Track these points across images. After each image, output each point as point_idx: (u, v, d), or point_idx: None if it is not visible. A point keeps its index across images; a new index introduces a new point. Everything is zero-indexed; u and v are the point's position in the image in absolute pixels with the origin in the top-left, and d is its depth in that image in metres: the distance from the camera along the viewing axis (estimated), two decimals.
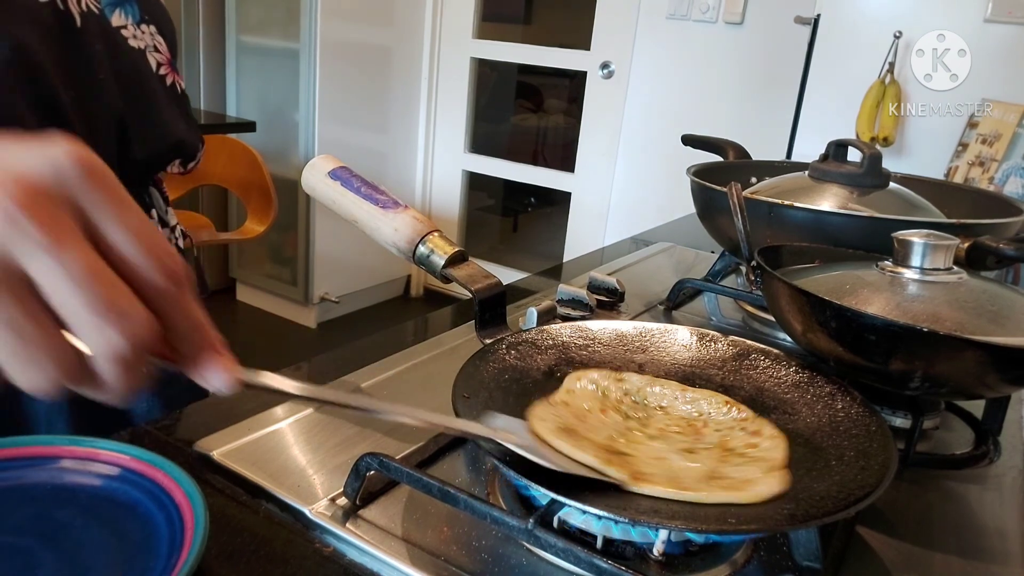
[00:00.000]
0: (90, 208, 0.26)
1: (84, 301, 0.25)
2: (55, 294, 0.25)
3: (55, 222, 0.25)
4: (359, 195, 0.61)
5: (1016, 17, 1.84)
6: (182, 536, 0.37)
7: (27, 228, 0.24)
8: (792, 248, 0.68)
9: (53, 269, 0.25)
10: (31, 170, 0.25)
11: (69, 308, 0.25)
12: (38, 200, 0.25)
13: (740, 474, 0.43)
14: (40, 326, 0.26)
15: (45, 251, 0.25)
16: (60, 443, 0.44)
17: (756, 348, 0.57)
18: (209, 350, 0.31)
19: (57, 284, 0.25)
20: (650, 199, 2.84)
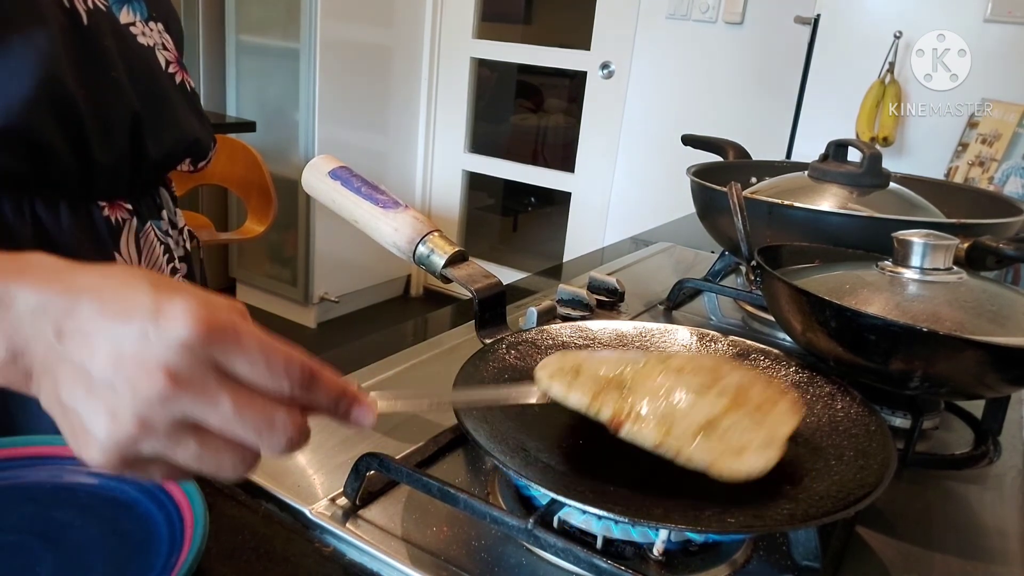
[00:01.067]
0: (222, 361, 0.32)
1: (243, 429, 0.32)
2: (224, 432, 0.32)
3: (201, 387, 0.31)
4: (359, 195, 0.61)
5: (1016, 17, 1.84)
6: (182, 536, 0.37)
7: (184, 402, 0.31)
8: (792, 248, 0.68)
9: (214, 419, 0.31)
10: (171, 357, 0.31)
11: (238, 436, 0.32)
12: (182, 379, 0.31)
13: (737, 437, 0.41)
14: (218, 448, 0.32)
15: (202, 410, 0.31)
16: (60, 443, 0.43)
17: (756, 348, 0.57)
18: (351, 404, 0.36)
19: (222, 426, 0.32)
20: (650, 199, 2.84)
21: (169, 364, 0.31)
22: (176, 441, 0.31)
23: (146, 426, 0.31)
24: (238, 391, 0.32)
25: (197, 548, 0.36)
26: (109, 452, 0.31)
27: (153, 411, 0.31)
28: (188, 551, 0.36)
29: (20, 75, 0.51)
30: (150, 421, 0.31)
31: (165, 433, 0.31)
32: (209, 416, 0.31)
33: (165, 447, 0.31)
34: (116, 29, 0.59)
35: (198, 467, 0.32)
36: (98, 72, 0.57)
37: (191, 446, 0.32)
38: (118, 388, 0.31)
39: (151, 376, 0.30)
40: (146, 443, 0.31)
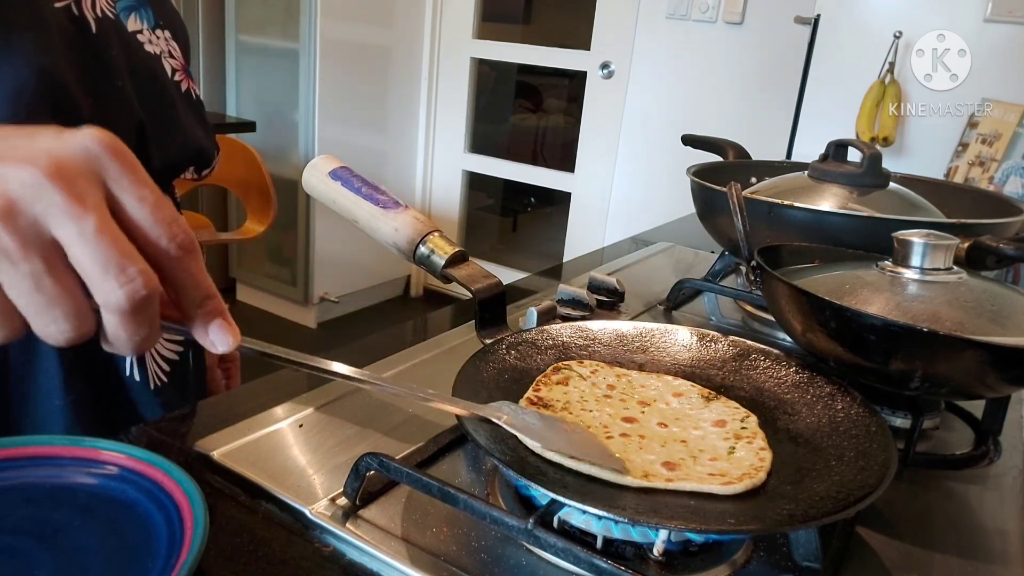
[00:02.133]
0: (111, 183, 0.31)
1: (93, 256, 0.30)
2: (71, 251, 0.30)
3: (77, 191, 0.30)
4: (359, 195, 0.61)
5: (1016, 17, 1.84)
6: (181, 536, 0.37)
7: (53, 195, 0.29)
8: (792, 248, 0.68)
9: (71, 230, 0.30)
10: (62, 149, 0.30)
11: (81, 263, 0.30)
12: (64, 173, 0.30)
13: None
14: (59, 282, 0.30)
15: (66, 214, 0.29)
16: (59, 443, 0.44)
17: (756, 348, 0.57)
18: (213, 313, 0.36)
19: (73, 243, 0.30)
20: (650, 199, 2.84)
21: (55, 154, 0.30)
22: (24, 251, 0.29)
23: (8, 211, 0.29)
24: (109, 218, 0.31)
25: (197, 549, 0.35)
26: None
27: (24, 194, 0.29)
28: (188, 552, 0.36)
29: (22, 82, 0.51)
30: (13, 206, 0.29)
31: (20, 232, 0.29)
32: (70, 225, 0.30)
33: (9, 251, 0.29)
34: (123, 37, 0.59)
35: (30, 298, 0.30)
36: (104, 81, 0.56)
37: (36, 265, 0.30)
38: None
39: (34, 160, 0.29)
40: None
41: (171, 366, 0.65)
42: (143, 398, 0.62)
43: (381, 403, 0.57)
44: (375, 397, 0.58)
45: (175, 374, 0.65)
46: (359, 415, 0.54)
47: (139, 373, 0.61)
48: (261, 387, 0.59)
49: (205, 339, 0.36)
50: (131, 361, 0.60)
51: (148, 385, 0.62)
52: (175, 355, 0.66)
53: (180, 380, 0.66)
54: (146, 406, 0.62)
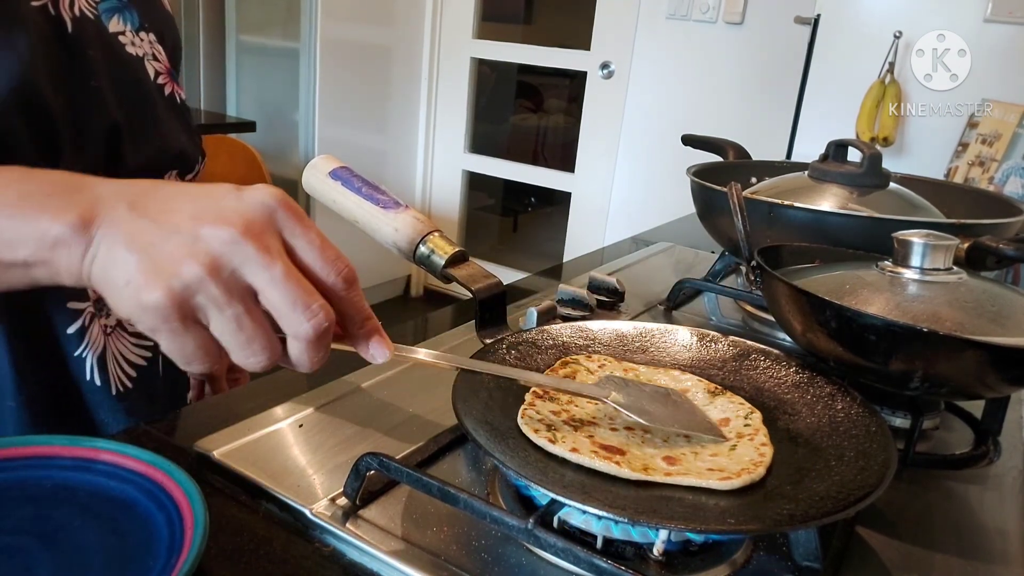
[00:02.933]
0: (286, 232, 0.38)
1: (283, 297, 0.36)
2: (265, 295, 0.36)
3: (264, 244, 0.36)
4: (360, 195, 0.61)
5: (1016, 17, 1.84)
6: (182, 536, 0.37)
7: (247, 251, 0.35)
8: (792, 248, 0.68)
9: (264, 277, 0.36)
10: (247, 209, 0.37)
11: (274, 303, 0.36)
12: (253, 230, 0.36)
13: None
14: (256, 321, 0.37)
15: (259, 265, 0.36)
16: (60, 443, 0.44)
17: (756, 348, 0.57)
18: (372, 331, 0.43)
19: (266, 287, 0.36)
20: (650, 199, 2.84)
21: (245, 214, 0.36)
22: (228, 298, 0.35)
23: (215, 267, 0.35)
24: (291, 265, 0.37)
25: (197, 549, 0.35)
26: (173, 290, 0.34)
27: (225, 251, 0.35)
28: (188, 552, 0.36)
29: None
30: (219, 262, 0.35)
31: (225, 284, 0.35)
32: (262, 273, 0.36)
33: (218, 300, 0.35)
34: (103, 38, 0.58)
35: (234, 337, 0.36)
36: (78, 81, 0.56)
37: (237, 309, 0.36)
38: (197, 233, 0.35)
39: (229, 221, 0.35)
40: (206, 289, 0.35)
41: (138, 372, 0.63)
42: (104, 403, 0.60)
43: (381, 403, 0.57)
44: (375, 397, 0.58)
45: (142, 380, 0.64)
46: (359, 415, 0.54)
47: (100, 378, 0.60)
48: (261, 387, 0.59)
49: (367, 353, 0.43)
50: (91, 364, 0.59)
51: (109, 390, 0.60)
52: (143, 360, 0.64)
53: (147, 387, 0.64)
54: (107, 411, 0.61)
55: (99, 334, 0.59)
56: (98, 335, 0.59)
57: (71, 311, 0.57)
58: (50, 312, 0.57)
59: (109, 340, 0.61)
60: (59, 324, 0.57)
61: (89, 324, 0.58)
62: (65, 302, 0.57)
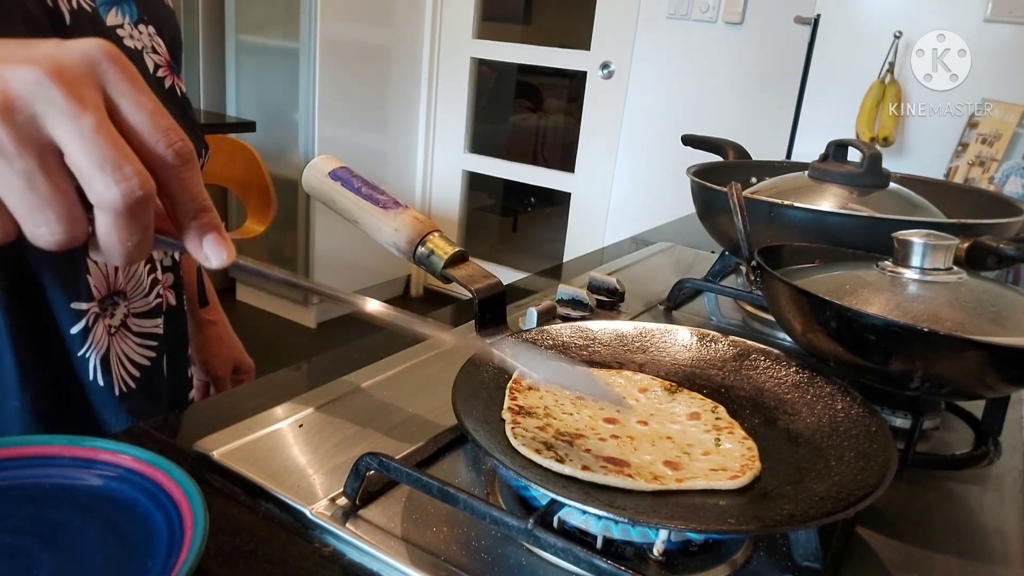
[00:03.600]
0: (111, 88, 0.31)
1: (90, 154, 0.30)
2: (68, 150, 0.30)
3: (76, 92, 0.30)
4: (359, 195, 0.61)
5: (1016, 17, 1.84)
6: (181, 536, 0.37)
7: (52, 94, 0.29)
8: (792, 248, 0.68)
9: (69, 128, 0.30)
10: (62, 53, 0.31)
11: (78, 162, 0.30)
12: (64, 74, 0.30)
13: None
14: (53, 181, 0.30)
15: (64, 113, 0.30)
16: (59, 443, 0.44)
17: (756, 348, 0.57)
18: (209, 227, 0.35)
19: (70, 141, 0.30)
20: (650, 199, 2.84)
21: (56, 57, 0.30)
22: (19, 147, 0.30)
23: (6, 108, 0.29)
24: (107, 119, 0.31)
25: (197, 549, 0.35)
26: None
27: (23, 91, 0.29)
28: (188, 552, 0.36)
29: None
30: (13, 104, 0.29)
31: (17, 128, 0.29)
32: (68, 123, 0.30)
33: (4, 148, 0.29)
34: (100, 31, 0.58)
35: (22, 198, 0.30)
36: None
37: (30, 163, 0.30)
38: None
39: (34, 62, 0.30)
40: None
41: (141, 372, 0.63)
42: (107, 404, 0.60)
43: (381, 403, 0.57)
44: (375, 397, 0.58)
45: (145, 381, 0.64)
46: (359, 415, 0.54)
47: (103, 378, 0.59)
48: (261, 387, 0.59)
49: (199, 252, 0.36)
50: (95, 365, 0.59)
51: (112, 390, 0.60)
52: (146, 360, 0.64)
53: (151, 387, 0.64)
54: (110, 412, 0.60)
55: (103, 334, 0.59)
56: (102, 335, 0.59)
57: (74, 311, 0.57)
58: (54, 312, 0.57)
59: (113, 340, 0.61)
60: (63, 324, 0.57)
61: (93, 325, 0.58)
62: (69, 302, 0.57)
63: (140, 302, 0.63)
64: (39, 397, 0.57)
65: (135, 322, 0.63)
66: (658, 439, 0.48)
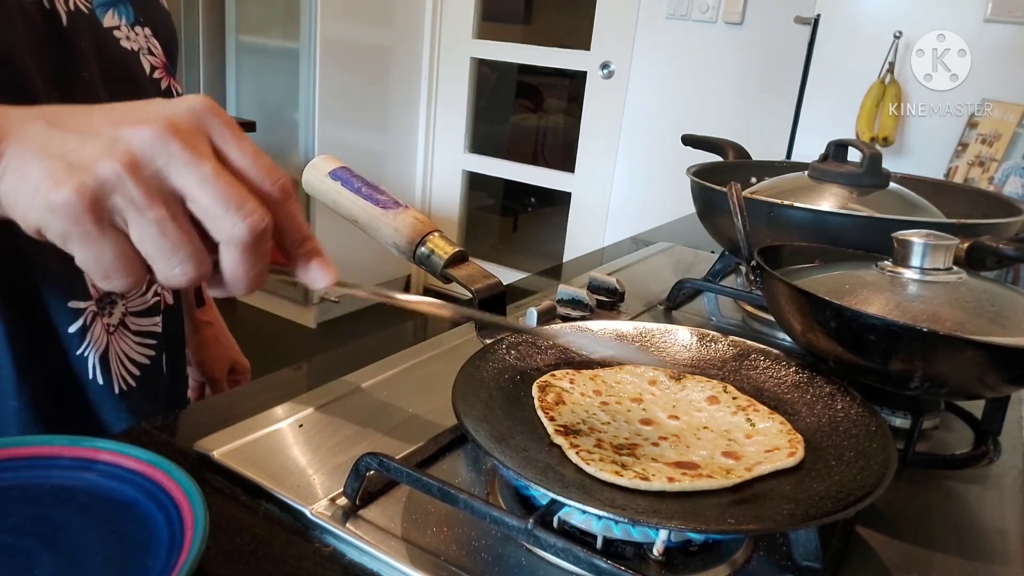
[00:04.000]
0: (216, 137, 0.35)
1: (214, 197, 0.33)
2: (193, 196, 0.33)
3: (192, 143, 0.33)
4: (359, 195, 0.61)
5: (1016, 17, 1.84)
6: (181, 536, 0.37)
7: (172, 148, 0.33)
8: (792, 248, 0.68)
9: (192, 176, 0.33)
10: (172, 111, 0.34)
11: (203, 204, 0.33)
12: (178, 129, 0.33)
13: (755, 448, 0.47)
14: (181, 227, 0.34)
15: (185, 164, 0.33)
16: (60, 443, 0.44)
17: (756, 348, 0.57)
18: (312, 253, 0.39)
19: (194, 187, 0.33)
20: (650, 199, 2.84)
21: (167, 115, 0.34)
22: (150, 199, 0.32)
23: (134, 164, 0.32)
24: (221, 164, 0.34)
25: (197, 549, 0.35)
26: (86, 186, 0.32)
27: (146, 149, 0.32)
28: (188, 552, 0.36)
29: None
30: (140, 160, 0.32)
31: (146, 183, 0.32)
32: (191, 172, 0.33)
33: (137, 201, 0.32)
34: (96, 32, 0.58)
35: (156, 243, 0.33)
36: (70, 74, 0.55)
37: (160, 212, 0.33)
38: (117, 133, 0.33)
39: (151, 121, 0.33)
40: (124, 188, 0.32)
41: (141, 370, 0.63)
42: (106, 402, 0.60)
43: (381, 403, 0.57)
44: (375, 397, 0.58)
45: (145, 379, 0.64)
46: (359, 415, 0.55)
47: (102, 377, 0.59)
48: (261, 387, 0.59)
49: (306, 276, 0.40)
50: (93, 363, 0.59)
51: (112, 389, 0.60)
52: (146, 359, 0.64)
53: (150, 386, 0.64)
54: (110, 411, 0.60)
55: (101, 333, 0.59)
56: (100, 334, 0.59)
57: (72, 310, 0.57)
58: (51, 311, 0.57)
59: (112, 339, 0.61)
60: (60, 324, 0.57)
61: (91, 323, 0.58)
62: (66, 301, 0.57)
63: (138, 301, 0.63)
64: (37, 396, 0.57)
65: (133, 321, 0.63)
66: (698, 431, 0.49)
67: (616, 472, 0.42)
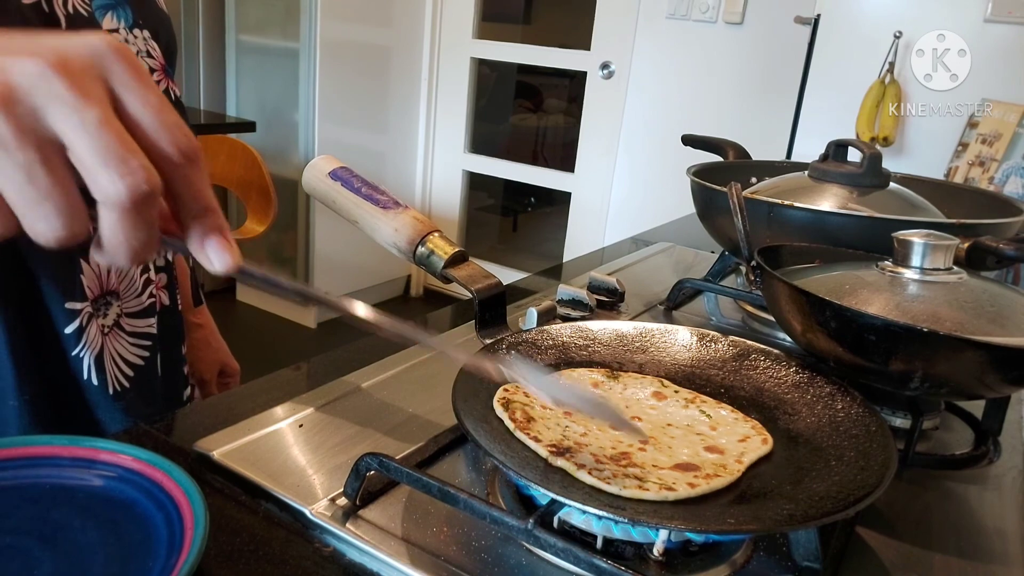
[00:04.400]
0: (116, 83, 0.31)
1: (94, 148, 0.29)
2: (72, 143, 0.29)
3: (81, 84, 0.29)
4: (359, 195, 0.61)
5: (1016, 17, 1.84)
6: (181, 536, 0.37)
7: (55, 87, 0.29)
8: (792, 248, 0.68)
9: (73, 121, 0.29)
10: (67, 46, 0.30)
11: (81, 155, 0.29)
12: (68, 66, 0.29)
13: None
14: (53, 174, 0.29)
15: (67, 105, 0.29)
16: (59, 443, 0.44)
17: (756, 348, 0.57)
18: (213, 229, 0.34)
19: (74, 134, 0.29)
20: (650, 199, 2.84)
21: (60, 49, 0.30)
22: (20, 139, 0.28)
23: (8, 99, 0.28)
24: (112, 113, 0.30)
25: (197, 549, 0.36)
26: None
27: (25, 82, 0.28)
28: (188, 552, 0.36)
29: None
30: (15, 95, 0.28)
31: (18, 120, 0.28)
32: (71, 116, 0.29)
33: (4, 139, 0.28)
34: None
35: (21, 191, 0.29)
36: None
37: (30, 155, 0.29)
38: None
39: (38, 53, 0.29)
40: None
41: (135, 371, 0.63)
42: (101, 402, 0.60)
43: (381, 403, 0.57)
44: (375, 397, 0.58)
45: (139, 380, 0.64)
46: (359, 415, 0.54)
47: (97, 377, 0.59)
48: (261, 387, 0.59)
49: (202, 255, 0.35)
50: (88, 364, 0.59)
51: (107, 389, 0.60)
52: (140, 360, 0.64)
53: (145, 387, 0.64)
54: (105, 411, 0.60)
55: (96, 334, 0.60)
56: (95, 335, 0.59)
57: (69, 311, 0.57)
58: (50, 312, 0.57)
59: (106, 340, 0.61)
60: (58, 324, 0.57)
61: (87, 324, 0.58)
62: (64, 302, 0.57)
63: (133, 302, 0.63)
64: (37, 397, 0.57)
65: (128, 322, 0.63)
66: (665, 429, 0.49)
67: (639, 487, 0.41)
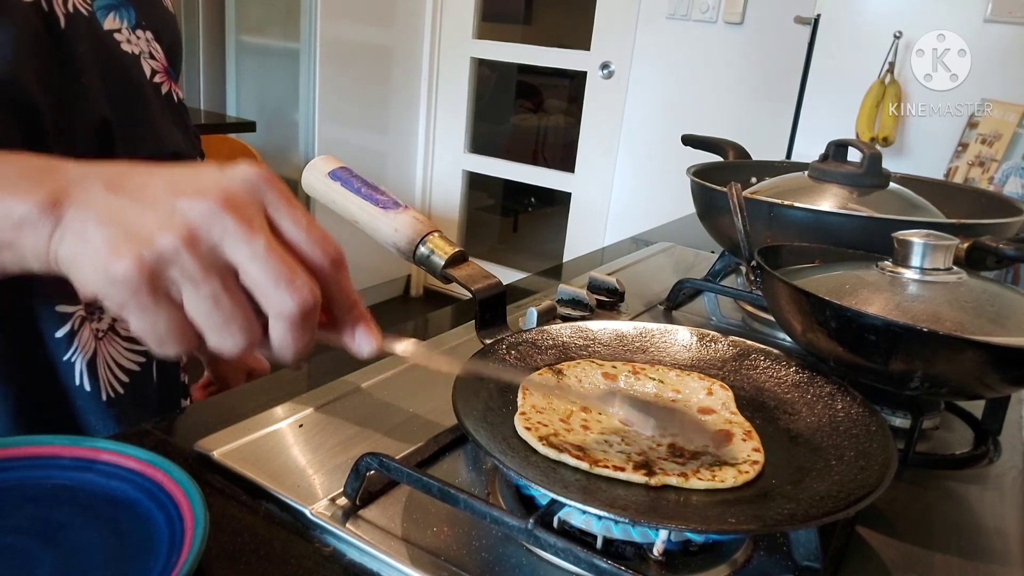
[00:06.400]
0: (270, 208, 0.36)
1: (265, 272, 0.34)
2: (246, 270, 0.34)
3: (246, 217, 0.34)
4: (359, 195, 0.61)
5: (1016, 17, 1.84)
6: (182, 536, 0.37)
7: (227, 223, 0.34)
8: (792, 248, 0.68)
9: (244, 251, 0.34)
10: (228, 182, 0.35)
11: (255, 279, 0.34)
12: (233, 202, 0.34)
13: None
14: (234, 299, 0.34)
15: (238, 238, 0.34)
16: (61, 443, 0.44)
17: (756, 348, 0.57)
18: (359, 319, 0.40)
19: (247, 262, 0.34)
20: (650, 199, 2.84)
21: (226, 188, 0.34)
22: (205, 273, 0.33)
23: (191, 239, 0.33)
24: (274, 239, 0.35)
25: (197, 549, 0.36)
26: (144, 260, 0.32)
27: (203, 223, 0.33)
28: (188, 552, 0.36)
29: None
30: (196, 234, 0.33)
31: (201, 257, 0.33)
32: (243, 247, 0.34)
33: (193, 275, 0.33)
34: (95, 35, 0.58)
35: (209, 316, 0.34)
36: (66, 77, 0.55)
37: (214, 285, 0.33)
38: (174, 204, 0.33)
39: (207, 193, 0.34)
40: (181, 261, 0.33)
41: (130, 377, 0.62)
42: (93, 409, 0.59)
43: (381, 403, 0.57)
44: (375, 397, 0.58)
45: (134, 387, 0.62)
46: (359, 415, 0.55)
47: (89, 383, 0.58)
48: (261, 387, 0.59)
49: (352, 342, 0.40)
50: (80, 369, 0.58)
51: (99, 396, 0.59)
52: (136, 366, 0.63)
53: (140, 393, 0.63)
54: (96, 417, 0.59)
55: (89, 338, 0.58)
56: (88, 339, 0.58)
57: (59, 314, 0.56)
58: (37, 315, 0.56)
59: (100, 345, 0.60)
60: (47, 328, 0.56)
61: (79, 328, 0.57)
62: (53, 305, 0.56)
63: None
64: (22, 402, 0.56)
65: (124, 326, 0.62)
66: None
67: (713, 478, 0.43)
